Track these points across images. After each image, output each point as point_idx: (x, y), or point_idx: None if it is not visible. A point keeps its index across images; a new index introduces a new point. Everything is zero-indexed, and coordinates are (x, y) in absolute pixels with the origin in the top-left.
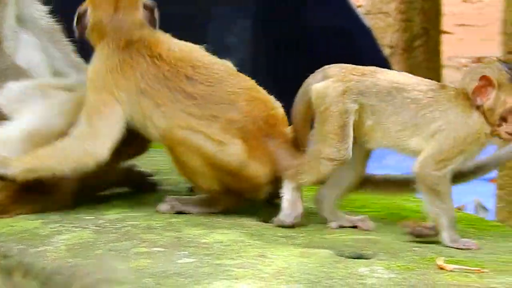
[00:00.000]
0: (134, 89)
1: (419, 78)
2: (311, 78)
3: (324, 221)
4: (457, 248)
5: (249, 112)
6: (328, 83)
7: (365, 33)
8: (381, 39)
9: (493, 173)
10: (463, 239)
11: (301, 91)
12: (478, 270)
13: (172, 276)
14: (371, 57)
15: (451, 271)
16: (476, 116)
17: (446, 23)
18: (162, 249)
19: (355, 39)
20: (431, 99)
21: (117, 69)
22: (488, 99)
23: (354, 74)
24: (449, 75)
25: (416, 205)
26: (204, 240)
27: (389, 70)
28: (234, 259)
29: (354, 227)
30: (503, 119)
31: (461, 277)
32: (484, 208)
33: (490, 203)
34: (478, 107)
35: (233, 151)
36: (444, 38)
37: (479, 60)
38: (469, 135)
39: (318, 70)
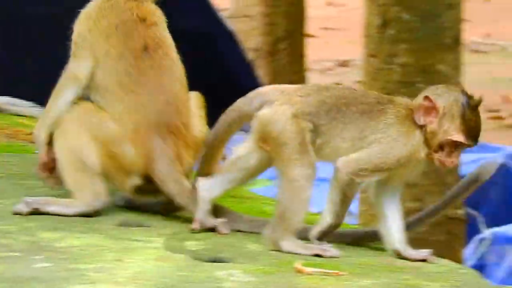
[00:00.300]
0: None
1: (366, 91)
2: (244, 104)
3: (183, 226)
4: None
5: (164, 110)
6: (275, 108)
7: (228, 37)
8: (245, 42)
9: None
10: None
11: (230, 116)
12: (336, 273)
13: (27, 281)
14: (235, 61)
15: (309, 274)
16: (417, 137)
17: (310, 26)
18: (18, 254)
19: (217, 42)
20: (379, 113)
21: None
22: (432, 123)
23: (299, 96)
24: (314, 78)
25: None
26: (60, 245)
27: (334, 85)
28: (90, 263)
29: (212, 230)
30: (441, 147)
31: (319, 280)
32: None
33: (354, 207)
34: (421, 126)
35: (116, 128)
36: (308, 41)
37: (343, 63)
38: (403, 157)
39: (250, 95)
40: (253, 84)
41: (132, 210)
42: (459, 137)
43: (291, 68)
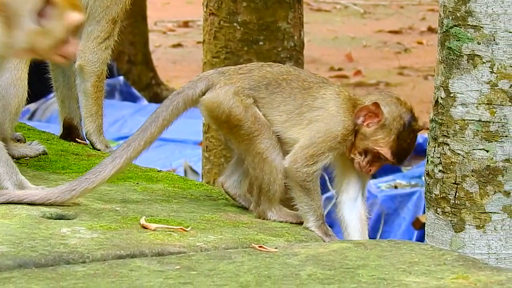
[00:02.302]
0: None
1: (310, 72)
2: (189, 88)
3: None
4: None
5: None
6: (217, 91)
7: None
8: None
9: (201, 136)
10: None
11: (175, 101)
12: (181, 228)
13: None
14: None
15: (154, 230)
16: (348, 116)
17: None
18: None
19: None
20: (319, 88)
21: None
22: (369, 126)
23: (241, 73)
24: (156, 40)
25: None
26: None
27: (277, 64)
28: None
29: None
30: (365, 152)
31: (164, 236)
32: (194, 171)
33: (199, 166)
34: (355, 124)
35: None
36: (149, 2)
37: (185, 24)
38: (340, 133)
39: (194, 79)
40: None
41: None
42: (386, 153)
43: (133, 30)
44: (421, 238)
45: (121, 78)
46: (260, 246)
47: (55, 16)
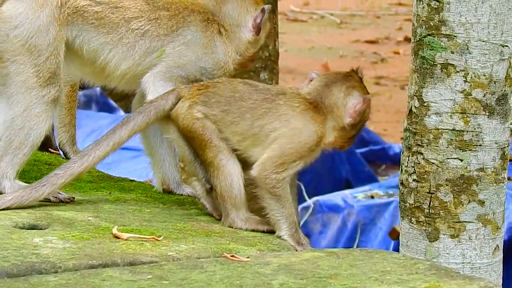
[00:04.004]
0: None
1: (259, 85)
2: (162, 99)
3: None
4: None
5: None
6: (178, 104)
7: None
8: None
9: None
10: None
11: (147, 110)
12: (153, 238)
13: None
14: None
15: (126, 239)
16: (319, 123)
17: None
18: None
19: None
20: (267, 109)
21: None
22: (357, 115)
23: (199, 89)
24: None
25: (90, 176)
26: None
27: (235, 79)
28: None
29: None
30: (351, 139)
31: (136, 246)
32: None
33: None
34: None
35: None
36: None
37: None
38: (310, 142)
39: (169, 91)
40: None
41: None
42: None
43: None
44: (397, 248)
45: (98, 89)
46: (232, 256)
47: (264, 24)
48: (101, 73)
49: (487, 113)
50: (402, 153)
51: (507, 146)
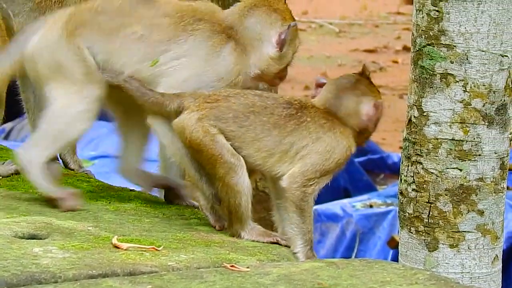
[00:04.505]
0: None
1: (276, 97)
2: (166, 99)
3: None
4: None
5: None
6: (184, 116)
7: None
8: None
9: None
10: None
11: (153, 102)
12: (153, 248)
13: None
14: None
15: (126, 249)
16: (347, 137)
17: None
18: None
19: None
20: (296, 126)
21: None
22: (370, 122)
23: (208, 102)
24: None
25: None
26: None
27: (247, 91)
28: None
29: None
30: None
31: (136, 255)
32: None
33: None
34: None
35: None
36: None
37: None
38: (343, 157)
39: (176, 94)
40: None
41: None
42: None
43: None
44: (396, 257)
45: None
46: (232, 266)
47: (290, 41)
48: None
49: (487, 123)
50: (402, 163)
51: (506, 156)
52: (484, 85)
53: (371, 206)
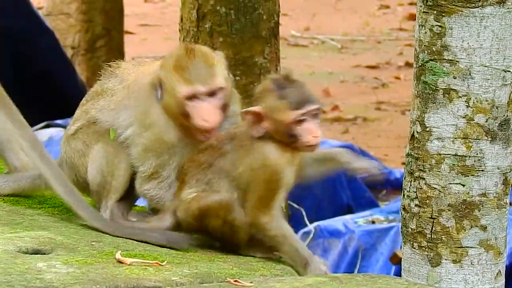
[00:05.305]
0: None
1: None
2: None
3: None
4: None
5: None
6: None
7: (46, 34)
8: (63, 40)
9: None
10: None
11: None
12: (157, 263)
13: None
14: (53, 58)
15: (129, 264)
16: (272, 150)
17: (128, 23)
18: None
19: (35, 40)
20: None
21: None
22: (267, 126)
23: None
24: None
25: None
26: None
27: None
28: None
29: None
30: (293, 136)
31: (140, 270)
32: None
33: None
34: (264, 136)
35: None
36: (127, 38)
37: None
38: (275, 174)
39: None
40: (72, 81)
41: None
42: (292, 114)
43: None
44: (398, 273)
45: None
46: (235, 281)
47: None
48: None
49: (490, 138)
50: (404, 179)
51: (510, 171)
52: (487, 100)
53: (373, 222)
